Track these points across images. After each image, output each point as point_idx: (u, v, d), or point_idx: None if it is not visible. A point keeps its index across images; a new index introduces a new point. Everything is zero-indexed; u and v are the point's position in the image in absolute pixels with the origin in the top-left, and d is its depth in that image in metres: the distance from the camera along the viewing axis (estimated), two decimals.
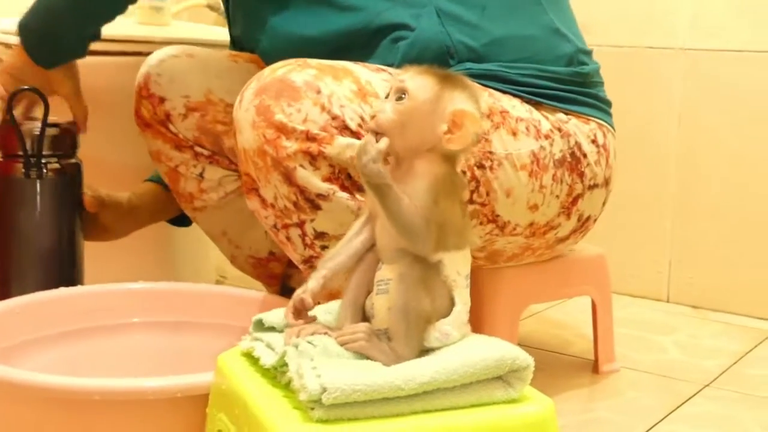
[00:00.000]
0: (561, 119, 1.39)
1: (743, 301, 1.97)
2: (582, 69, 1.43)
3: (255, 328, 1.04)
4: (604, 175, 1.44)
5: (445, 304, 0.97)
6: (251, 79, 1.26)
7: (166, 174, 1.59)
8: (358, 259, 0.99)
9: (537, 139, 1.35)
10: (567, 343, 1.77)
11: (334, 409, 0.86)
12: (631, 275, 2.08)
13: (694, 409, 1.50)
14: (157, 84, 1.52)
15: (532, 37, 1.39)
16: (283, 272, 1.66)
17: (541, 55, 1.39)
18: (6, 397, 1.10)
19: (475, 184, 1.30)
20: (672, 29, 1.99)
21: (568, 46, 1.42)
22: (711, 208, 2.00)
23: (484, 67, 1.34)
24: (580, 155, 1.40)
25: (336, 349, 0.94)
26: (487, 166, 1.30)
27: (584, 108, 1.42)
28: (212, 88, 1.52)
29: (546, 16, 1.41)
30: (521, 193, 1.34)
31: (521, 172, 1.33)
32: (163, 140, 1.55)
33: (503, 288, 1.45)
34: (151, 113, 1.53)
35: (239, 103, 1.24)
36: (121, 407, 1.07)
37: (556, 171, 1.37)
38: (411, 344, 0.94)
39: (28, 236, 1.48)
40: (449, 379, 0.89)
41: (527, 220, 1.37)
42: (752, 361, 1.73)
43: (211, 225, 1.62)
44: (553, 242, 1.44)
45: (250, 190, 1.28)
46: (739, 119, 1.95)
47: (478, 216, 1.32)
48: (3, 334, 1.31)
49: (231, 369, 1.00)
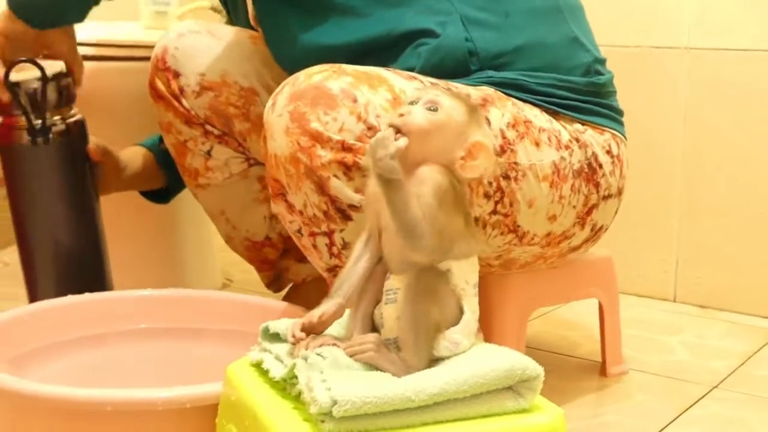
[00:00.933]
0: (578, 129, 1.39)
1: (750, 300, 1.97)
2: (598, 79, 1.43)
3: (263, 336, 1.04)
4: (617, 185, 1.45)
5: (454, 313, 0.97)
6: (284, 83, 1.24)
7: (174, 146, 1.58)
8: (368, 278, 0.99)
9: (558, 149, 1.35)
10: (574, 345, 1.77)
11: (345, 421, 0.86)
12: (638, 275, 2.07)
13: (703, 411, 1.50)
14: (174, 58, 1.52)
15: (552, 46, 1.40)
16: (277, 259, 1.65)
17: (559, 63, 1.39)
18: (17, 408, 1.11)
19: (500, 194, 1.30)
20: (677, 28, 1.99)
21: (586, 56, 1.43)
22: (717, 207, 1.99)
23: (504, 75, 1.35)
24: (596, 166, 1.40)
25: (345, 361, 0.95)
26: (512, 176, 1.31)
27: (599, 118, 1.42)
28: (228, 70, 1.52)
29: (566, 25, 1.42)
30: (542, 204, 1.35)
31: (543, 183, 1.34)
32: (174, 114, 1.54)
33: (511, 292, 1.45)
34: (165, 86, 1.53)
35: (272, 106, 1.23)
36: (132, 418, 1.07)
37: (574, 181, 1.37)
38: (420, 354, 0.95)
39: (45, 209, 1.46)
40: (459, 389, 0.89)
41: (545, 230, 1.37)
42: (760, 362, 1.72)
43: (211, 203, 1.62)
44: (566, 251, 1.44)
45: (276, 195, 1.27)
46: (745, 118, 1.95)
47: (500, 226, 1.32)
48: (12, 342, 1.32)
49: (240, 380, 1.00)
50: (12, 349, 1.31)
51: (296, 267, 1.65)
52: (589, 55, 1.43)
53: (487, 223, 1.31)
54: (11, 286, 2.03)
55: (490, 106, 1.30)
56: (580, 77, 1.41)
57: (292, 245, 1.63)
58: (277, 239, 1.62)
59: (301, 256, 1.64)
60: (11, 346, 1.31)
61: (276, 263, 1.65)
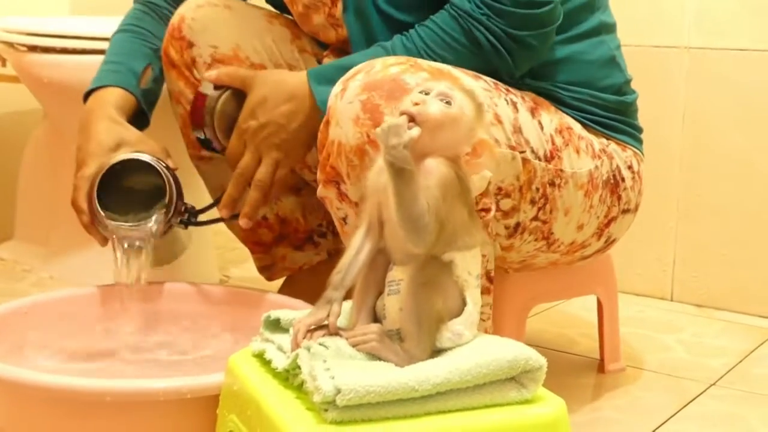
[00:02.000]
0: (603, 143, 1.41)
1: (748, 299, 1.97)
2: (627, 99, 1.46)
3: (266, 326, 1.03)
4: (636, 201, 1.47)
5: (457, 304, 0.97)
6: (356, 69, 1.21)
7: (181, 116, 1.56)
8: (370, 269, 0.99)
9: (593, 158, 1.37)
10: (572, 342, 1.77)
11: (348, 410, 0.86)
12: (636, 274, 2.08)
13: (701, 408, 1.50)
14: (189, 28, 1.51)
15: (591, 63, 1.41)
16: (272, 242, 1.64)
17: (595, 81, 1.41)
18: (18, 398, 1.11)
19: (544, 201, 1.31)
20: (677, 28, 1.99)
21: (620, 76, 1.45)
22: (715, 206, 2.00)
23: (539, 85, 1.36)
24: (620, 179, 1.42)
25: (348, 351, 0.95)
26: (557, 183, 1.32)
27: (623, 136, 1.44)
28: (241, 45, 1.52)
29: (606, 45, 1.44)
30: (576, 213, 1.36)
31: (580, 191, 1.35)
32: (185, 83, 1.53)
33: (510, 289, 1.45)
34: (178, 55, 1.52)
35: (341, 92, 1.20)
36: (132, 408, 1.07)
37: (602, 192, 1.39)
38: (423, 345, 0.95)
39: None
40: (463, 379, 0.89)
41: (571, 238, 1.39)
42: (757, 360, 1.73)
43: (212, 177, 1.61)
44: (576, 259, 1.45)
45: (329, 181, 1.24)
46: (744, 118, 1.95)
47: (536, 232, 1.33)
48: (11, 333, 1.31)
49: (242, 370, 1.00)
50: (9, 341, 1.30)
51: (293, 255, 1.64)
52: (623, 76, 1.46)
53: (526, 228, 1.32)
54: (7, 281, 2.03)
55: (542, 110, 1.32)
56: (612, 95, 1.43)
57: (288, 231, 1.63)
58: (273, 220, 1.62)
59: (298, 244, 1.64)
60: (8, 337, 1.31)
61: (270, 246, 1.64)
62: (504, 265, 1.39)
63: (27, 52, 1.91)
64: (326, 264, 1.65)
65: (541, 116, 1.31)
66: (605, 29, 1.45)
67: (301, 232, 1.65)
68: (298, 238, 1.65)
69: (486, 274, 1.26)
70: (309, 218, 1.65)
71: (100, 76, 1.50)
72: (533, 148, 1.28)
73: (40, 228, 2.10)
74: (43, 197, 2.10)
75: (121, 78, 1.49)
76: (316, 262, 1.66)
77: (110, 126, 1.42)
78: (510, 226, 1.30)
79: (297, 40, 1.55)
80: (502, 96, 1.26)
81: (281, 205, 1.62)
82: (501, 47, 1.27)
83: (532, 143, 1.28)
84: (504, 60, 1.28)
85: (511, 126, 1.25)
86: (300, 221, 1.64)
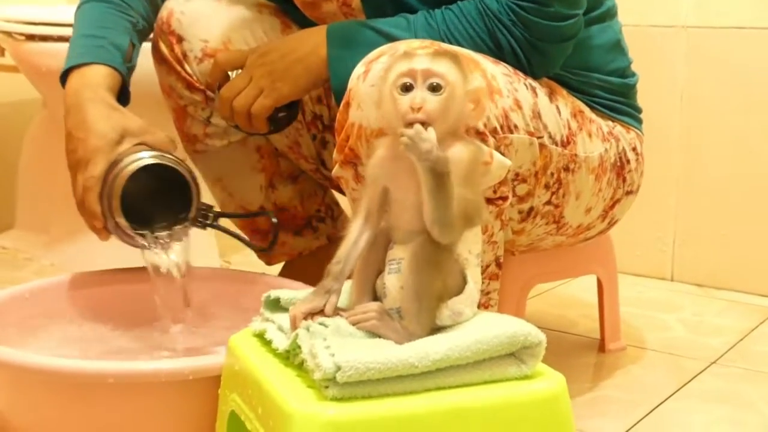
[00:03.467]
0: (609, 125, 1.42)
1: (747, 278, 1.98)
2: (630, 81, 1.47)
3: (266, 306, 1.04)
4: (638, 182, 1.48)
5: (458, 283, 0.97)
6: (379, 51, 1.20)
7: (174, 110, 1.56)
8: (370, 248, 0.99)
9: (603, 141, 1.38)
10: (572, 323, 1.78)
11: (349, 387, 0.86)
12: (636, 254, 2.08)
13: (701, 386, 1.51)
14: (179, 22, 1.50)
15: (598, 48, 1.41)
16: (271, 231, 1.64)
17: (602, 66, 1.42)
18: (20, 380, 1.11)
19: (558, 185, 1.31)
20: (675, 7, 1.99)
21: (624, 60, 1.46)
22: (715, 186, 2.00)
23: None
24: (625, 161, 1.43)
25: (348, 329, 0.95)
26: (571, 168, 1.32)
27: (627, 117, 1.46)
28: (232, 38, 1.50)
29: (612, 29, 1.44)
30: (586, 197, 1.37)
31: (591, 175, 1.36)
32: (176, 78, 1.52)
33: (511, 268, 1.44)
34: (168, 50, 1.51)
35: (363, 74, 1.18)
36: (134, 389, 1.07)
37: (610, 175, 1.40)
38: (423, 323, 0.95)
39: None
40: (462, 356, 0.89)
41: (579, 222, 1.40)
42: (757, 338, 1.73)
43: (208, 169, 1.61)
44: (580, 240, 1.46)
45: (347, 163, 1.23)
46: (743, 97, 1.95)
47: (547, 216, 1.34)
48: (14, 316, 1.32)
49: (243, 350, 1.00)
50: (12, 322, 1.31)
51: (293, 241, 1.64)
52: (626, 59, 1.47)
53: (539, 212, 1.32)
54: (8, 270, 2.03)
55: (558, 95, 1.32)
56: (617, 78, 1.44)
57: (286, 219, 1.63)
58: (271, 209, 1.62)
59: (297, 230, 1.65)
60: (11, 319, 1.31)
61: (268, 234, 1.64)
62: (512, 248, 1.39)
63: (25, 41, 1.91)
64: (326, 248, 1.65)
65: (558, 101, 1.31)
66: (611, 13, 1.45)
67: (300, 218, 1.65)
68: (297, 224, 1.65)
69: (495, 260, 1.27)
70: (307, 204, 1.65)
71: (81, 52, 1.38)
72: (551, 133, 1.28)
73: (40, 216, 2.11)
74: (44, 186, 2.11)
75: (106, 55, 1.37)
76: (316, 247, 1.66)
77: (108, 113, 1.32)
78: (523, 210, 1.30)
79: (287, 29, 1.54)
80: (521, 81, 1.26)
81: (278, 194, 1.63)
82: (521, 53, 1.27)
83: (550, 128, 1.28)
84: (521, 65, 1.28)
85: (531, 111, 1.25)
86: (298, 208, 1.64)
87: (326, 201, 1.67)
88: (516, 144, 1.22)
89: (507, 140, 1.21)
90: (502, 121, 1.21)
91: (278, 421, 0.87)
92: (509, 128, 1.22)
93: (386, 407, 0.87)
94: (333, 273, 0.97)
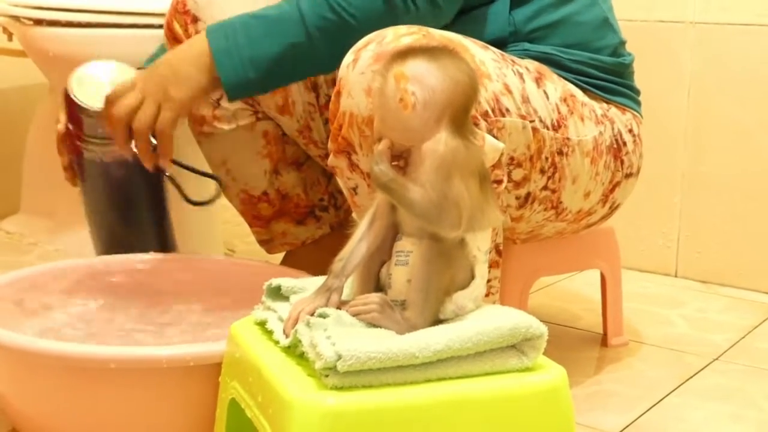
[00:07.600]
0: (604, 107, 1.41)
1: (751, 275, 1.97)
2: (624, 60, 1.45)
3: (267, 294, 1.04)
4: (637, 164, 1.47)
5: (465, 278, 0.96)
6: (368, 38, 1.20)
7: None
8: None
9: (597, 124, 1.37)
10: (575, 317, 1.78)
11: (349, 376, 0.86)
12: (640, 250, 2.08)
13: (703, 382, 1.51)
14: (194, 2, 1.50)
15: (585, 24, 1.40)
16: (272, 217, 1.64)
17: (590, 42, 1.40)
18: (22, 364, 1.11)
19: (553, 170, 1.31)
20: (682, 3, 1.98)
21: (614, 37, 1.45)
22: (720, 182, 1.99)
23: (540, 50, 1.35)
24: (621, 143, 1.42)
25: (349, 319, 0.94)
26: (564, 152, 1.32)
27: (622, 98, 1.44)
28: None
29: (598, 6, 1.43)
30: (583, 181, 1.36)
31: (586, 158, 1.35)
32: None
33: (514, 261, 1.45)
34: (182, 29, 1.50)
35: (352, 63, 1.19)
36: (136, 376, 1.08)
37: (607, 158, 1.39)
38: (426, 315, 0.94)
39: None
40: (463, 347, 0.89)
41: (578, 207, 1.39)
42: (760, 335, 1.73)
43: (213, 152, 1.61)
44: (582, 227, 1.46)
45: (340, 152, 1.23)
46: (749, 93, 1.95)
47: (545, 202, 1.33)
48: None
49: (244, 338, 1.01)
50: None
51: (295, 230, 1.64)
52: (617, 37, 1.45)
53: (536, 198, 1.32)
54: (13, 254, 2.04)
55: (546, 80, 1.32)
56: (609, 57, 1.42)
57: (289, 207, 1.63)
58: (274, 196, 1.62)
59: (299, 219, 1.64)
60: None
61: (269, 221, 1.64)
62: (512, 236, 1.39)
63: (33, 25, 1.91)
64: (329, 237, 1.65)
65: (545, 86, 1.31)
66: None
67: (303, 206, 1.65)
68: (300, 213, 1.65)
69: (495, 248, 1.27)
70: (310, 193, 1.65)
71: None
72: (541, 118, 1.28)
73: (46, 201, 2.11)
74: (49, 171, 2.10)
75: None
76: (319, 236, 1.66)
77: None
78: (521, 196, 1.30)
79: None
80: (509, 66, 1.26)
81: (282, 181, 1.62)
82: (413, 6, 1.25)
83: (540, 113, 1.28)
84: (412, 19, 1.24)
85: (520, 96, 1.25)
86: (301, 196, 1.64)
87: (330, 189, 1.67)
88: (509, 127, 1.22)
89: (500, 123, 1.21)
90: (493, 105, 1.21)
91: (278, 410, 0.87)
92: (501, 111, 1.22)
93: (386, 397, 0.87)
94: (335, 271, 0.97)
